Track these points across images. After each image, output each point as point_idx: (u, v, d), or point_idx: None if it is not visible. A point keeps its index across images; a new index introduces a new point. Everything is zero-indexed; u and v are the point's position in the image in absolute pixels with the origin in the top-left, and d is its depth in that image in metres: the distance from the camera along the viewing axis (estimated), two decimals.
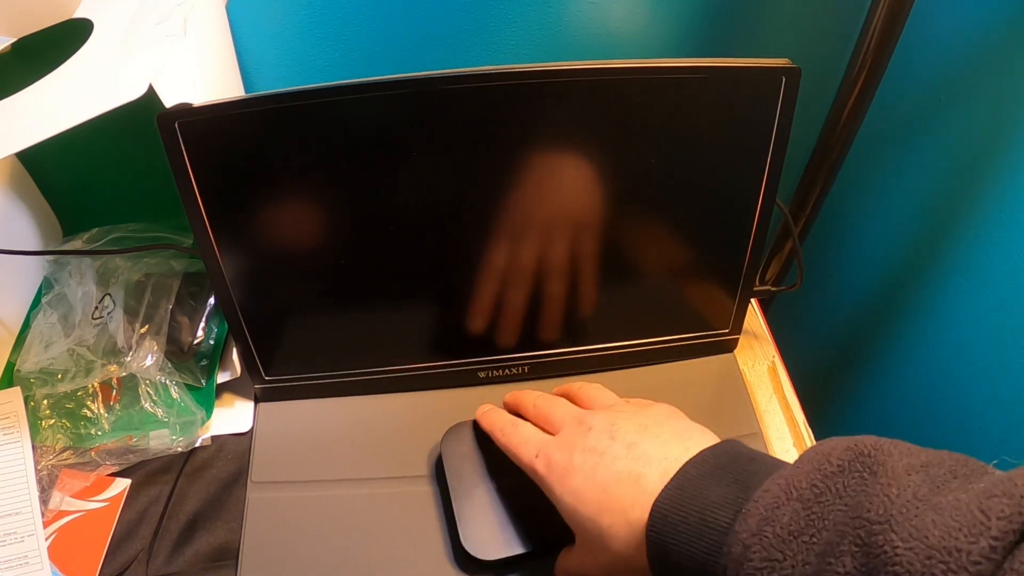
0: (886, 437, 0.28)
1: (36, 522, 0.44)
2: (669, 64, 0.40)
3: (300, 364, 0.49)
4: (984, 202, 0.53)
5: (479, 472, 0.44)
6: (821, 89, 0.56)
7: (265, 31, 0.53)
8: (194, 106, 0.38)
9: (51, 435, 0.47)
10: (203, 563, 0.44)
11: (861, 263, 0.69)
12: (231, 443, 0.49)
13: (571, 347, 0.51)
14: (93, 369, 0.48)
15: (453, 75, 0.39)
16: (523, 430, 0.40)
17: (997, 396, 0.54)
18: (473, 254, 0.45)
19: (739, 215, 0.46)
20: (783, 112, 0.42)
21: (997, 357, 0.53)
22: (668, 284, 0.49)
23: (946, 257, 0.57)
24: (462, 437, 0.46)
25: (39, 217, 0.57)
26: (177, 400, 0.48)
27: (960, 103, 0.54)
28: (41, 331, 0.51)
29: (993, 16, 0.50)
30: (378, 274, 0.46)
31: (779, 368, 0.54)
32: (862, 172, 0.65)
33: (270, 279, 0.46)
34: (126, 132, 0.49)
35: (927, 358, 0.61)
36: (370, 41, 0.54)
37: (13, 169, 0.55)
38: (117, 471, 0.47)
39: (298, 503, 0.46)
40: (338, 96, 0.39)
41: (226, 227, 0.42)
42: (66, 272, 0.53)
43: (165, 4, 0.44)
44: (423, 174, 0.42)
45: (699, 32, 0.57)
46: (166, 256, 0.53)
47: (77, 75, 0.41)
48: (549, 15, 0.54)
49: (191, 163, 0.40)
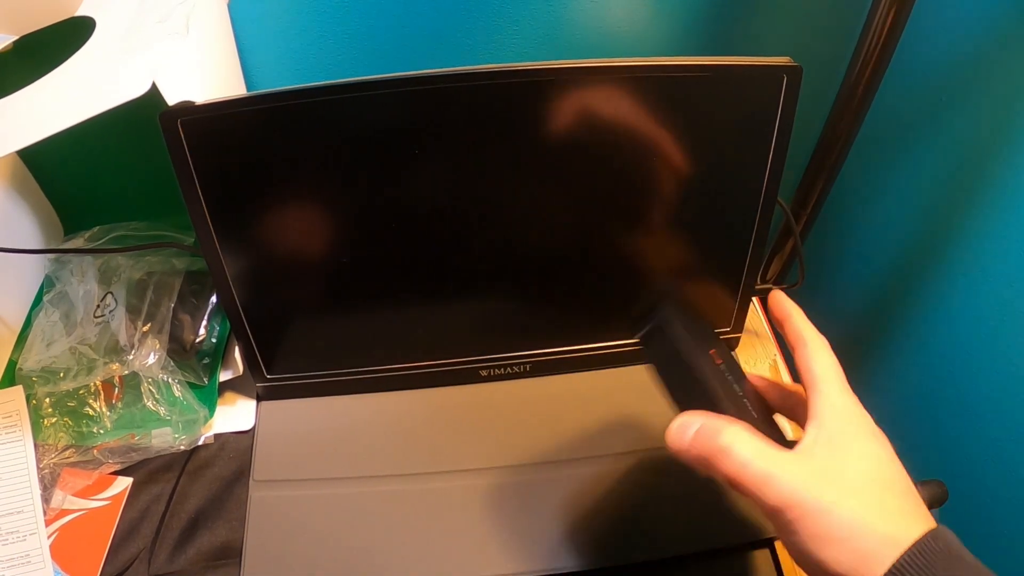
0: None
1: (38, 520, 0.44)
2: (671, 62, 0.40)
3: (302, 362, 0.49)
4: (985, 201, 0.52)
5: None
6: (823, 88, 0.56)
7: (267, 29, 0.53)
8: (196, 104, 0.38)
9: (53, 433, 0.47)
10: (205, 561, 0.44)
11: (862, 262, 0.69)
12: (233, 441, 0.49)
13: (573, 345, 0.51)
14: (95, 367, 0.48)
15: (455, 73, 0.39)
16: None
17: (997, 395, 0.54)
18: (474, 252, 0.45)
19: (741, 213, 0.46)
20: (785, 110, 0.42)
21: (997, 356, 0.53)
22: (670, 282, 0.49)
23: (947, 256, 0.57)
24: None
25: (41, 215, 0.57)
26: (179, 398, 0.48)
27: (960, 103, 0.54)
28: (43, 329, 0.51)
29: (993, 16, 0.50)
30: (380, 272, 0.46)
31: (780, 366, 0.54)
32: (863, 171, 0.65)
33: (272, 277, 0.46)
34: (128, 130, 0.49)
35: (927, 357, 0.61)
36: (371, 39, 0.54)
37: (15, 167, 0.55)
38: (119, 469, 0.47)
39: (300, 501, 0.46)
40: (340, 94, 0.39)
41: (228, 225, 0.42)
42: (68, 270, 0.53)
43: (167, 2, 0.44)
44: (425, 172, 0.42)
45: (701, 30, 0.57)
46: (168, 254, 0.53)
47: (79, 73, 0.41)
48: (550, 13, 0.54)
49: (193, 161, 0.40)
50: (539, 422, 0.49)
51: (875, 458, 0.31)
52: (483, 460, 0.47)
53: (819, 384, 0.34)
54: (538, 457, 0.47)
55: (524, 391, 0.51)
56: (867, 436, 0.32)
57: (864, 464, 0.31)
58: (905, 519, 0.29)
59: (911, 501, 0.30)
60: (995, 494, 0.55)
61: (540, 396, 0.51)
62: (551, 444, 0.47)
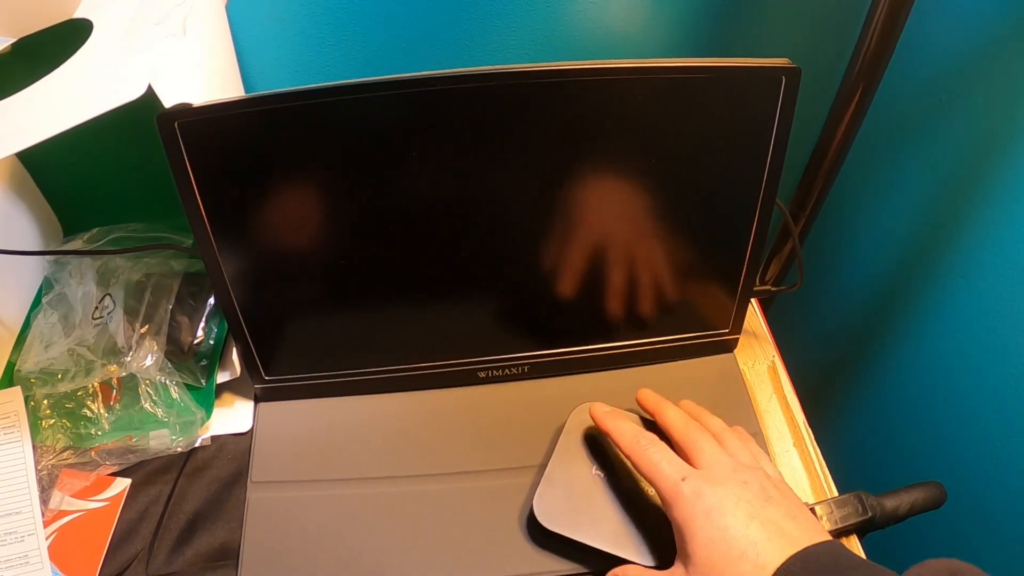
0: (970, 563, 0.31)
1: (36, 522, 0.44)
2: (669, 64, 0.40)
3: (300, 364, 0.49)
4: (984, 202, 0.52)
5: (587, 456, 0.45)
6: (821, 89, 0.56)
7: (265, 31, 0.53)
8: (194, 106, 0.38)
9: (51, 435, 0.47)
10: (203, 563, 0.44)
11: (861, 263, 0.69)
12: (231, 443, 0.49)
13: (571, 347, 0.51)
14: (93, 369, 0.48)
15: (453, 75, 0.39)
16: (664, 451, 0.40)
17: (996, 396, 0.54)
18: (472, 254, 0.45)
19: (739, 215, 0.46)
20: (783, 112, 0.42)
21: (996, 357, 0.53)
22: (668, 284, 0.49)
23: (946, 257, 0.57)
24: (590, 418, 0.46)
25: (39, 217, 0.57)
26: (177, 400, 0.48)
27: (960, 103, 0.54)
28: (41, 331, 0.51)
29: (993, 16, 0.50)
30: (378, 274, 0.46)
31: (779, 368, 0.54)
32: (862, 172, 0.65)
33: (270, 279, 0.46)
34: (126, 132, 0.49)
35: (926, 358, 0.61)
36: (370, 41, 0.54)
37: (13, 169, 0.55)
38: (117, 471, 0.47)
39: (298, 503, 0.46)
40: (338, 96, 0.39)
41: (226, 227, 0.42)
42: (66, 272, 0.53)
43: (165, 4, 0.44)
44: (423, 174, 0.42)
45: (699, 32, 0.57)
46: (166, 256, 0.53)
47: (77, 75, 0.41)
48: (550, 15, 0.54)
49: (191, 163, 0.40)
50: (537, 424, 0.49)
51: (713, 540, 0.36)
52: (480, 462, 0.47)
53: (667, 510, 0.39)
54: (536, 459, 0.47)
55: (522, 393, 0.51)
56: (706, 523, 0.36)
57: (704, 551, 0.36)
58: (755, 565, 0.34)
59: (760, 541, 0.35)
60: (994, 495, 0.55)
61: (538, 398, 0.51)
62: (549, 446, 0.47)
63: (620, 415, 0.44)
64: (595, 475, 0.44)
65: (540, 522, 0.42)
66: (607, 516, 0.42)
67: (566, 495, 0.43)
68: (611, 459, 0.44)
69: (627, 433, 0.42)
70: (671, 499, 0.38)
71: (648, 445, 0.40)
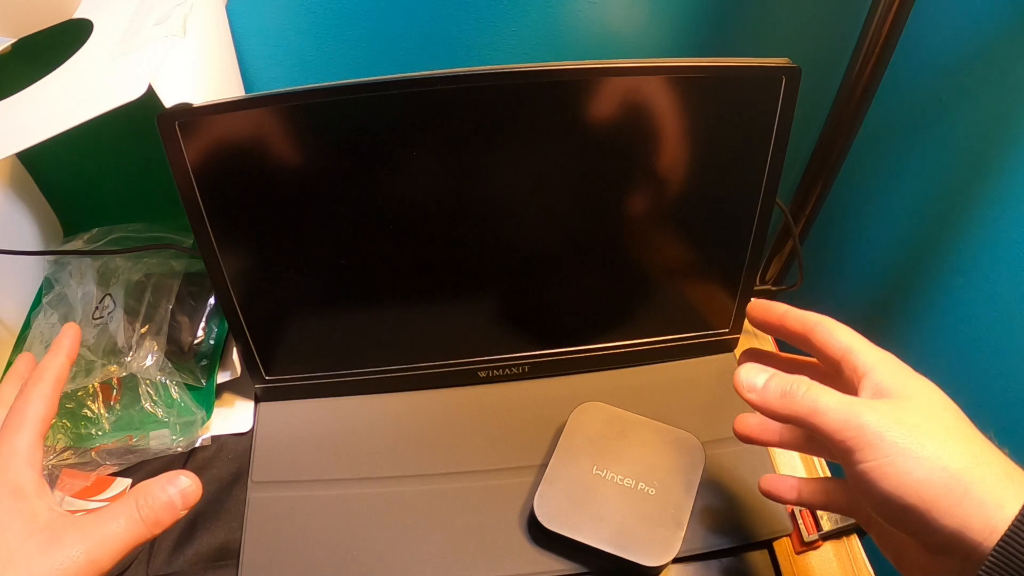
0: None
1: None
2: (669, 64, 0.40)
3: (300, 364, 0.49)
4: (984, 202, 0.52)
5: (587, 456, 0.45)
6: (822, 88, 0.56)
7: (265, 31, 0.53)
8: (194, 106, 0.38)
9: (51, 435, 0.47)
10: (203, 563, 0.44)
11: (861, 263, 0.69)
12: (231, 443, 0.49)
13: (571, 346, 0.51)
14: (93, 369, 0.48)
15: (452, 75, 0.39)
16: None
17: (997, 396, 0.54)
18: (472, 254, 0.45)
19: (739, 214, 0.46)
20: (783, 111, 0.42)
21: (997, 357, 0.53)
22: (668, 283, 0.49)
23: (946, 257, 0.57)
24: (592, 418, 0.46)
25: (40, 217, 0.57)
26: (177, 400, 0.48)
27: (960, 103, 0.54)
28: (42, 331, 0.51)
29: (993, 16, 0.50)
30: (378, 274, 0.46)
31: None
32: (862, 172, 0.65)
33: (270, 279, 0.46)
34: (126, 132, 0.49)
35: (926, 357, 0.61)
36: (370, 41, 0.54)
37: (14, 169, 0.55)
38: (117, 471, 0.47)
39: (298, 503, 0.46)
40: (338, 96, 0.39)
41: (226, 227, 0.42)
42: (67, 272, 0.53)
43: (165, 4, 0.44)
44: (423, 174, 0.42)
45: (699, 32, 0.57)
46: (166, 256, 0.53)
47: (77, 75, 0.41)
48: (549, 15, 0.54)
49: (191, 163, 0.40)
50: (537, 424, 0.49)
51: (935, 391, 0.33)
52: (481, 462, 0.47)
53: (852, 345, 0.35)
54: (536, 459, 0.47)
55: (522, 393, 0.51)
56: (916, 374, 0.33)
57: (929, 398, 0.32)
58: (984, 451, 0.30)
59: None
60: None
61: (538, 398, 0.51)
62: (549, 446, 0.47)
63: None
64: (595, 475, 0.44)
65: (540, 522, 0.42)
66: (607, 516, 0.42)
67: (566, 495, 0.43)
68: (611, 459, 0.44)
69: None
70: (849, 417, 0.31)
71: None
